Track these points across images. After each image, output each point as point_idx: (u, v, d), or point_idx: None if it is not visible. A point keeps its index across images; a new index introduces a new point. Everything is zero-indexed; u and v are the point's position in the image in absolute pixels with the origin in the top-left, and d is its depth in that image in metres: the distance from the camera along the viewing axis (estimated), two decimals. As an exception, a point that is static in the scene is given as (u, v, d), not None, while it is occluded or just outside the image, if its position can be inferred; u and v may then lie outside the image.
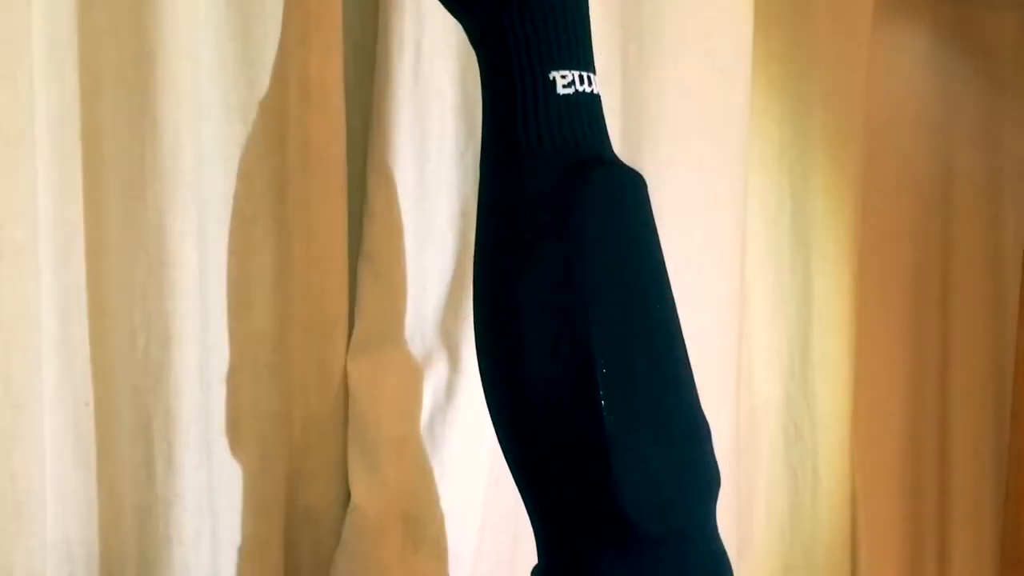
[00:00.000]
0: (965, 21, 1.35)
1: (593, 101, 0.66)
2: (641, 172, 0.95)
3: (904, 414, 1.38)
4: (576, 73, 0.65)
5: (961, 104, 1.37)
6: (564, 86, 0.65)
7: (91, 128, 0.79)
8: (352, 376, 0.90)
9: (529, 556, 0.64)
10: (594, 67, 0.67)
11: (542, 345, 0.62)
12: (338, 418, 0.91)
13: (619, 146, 0.99)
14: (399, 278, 0.91)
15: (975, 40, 1.37)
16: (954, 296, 1.39)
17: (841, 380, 1.19)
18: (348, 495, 0.90)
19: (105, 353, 0.81)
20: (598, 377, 0.60)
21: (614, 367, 0.60)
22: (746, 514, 1.18)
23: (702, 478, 0.63)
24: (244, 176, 0.84)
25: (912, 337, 1.38)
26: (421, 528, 0.91)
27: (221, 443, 0.85)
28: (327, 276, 0.88)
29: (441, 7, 0.71)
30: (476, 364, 0.66)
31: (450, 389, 0.92)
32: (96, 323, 0.80)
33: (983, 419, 1.42)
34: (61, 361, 0.80)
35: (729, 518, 1.07)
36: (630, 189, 0.66)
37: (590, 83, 0.66)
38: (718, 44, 1.02)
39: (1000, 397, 1.42)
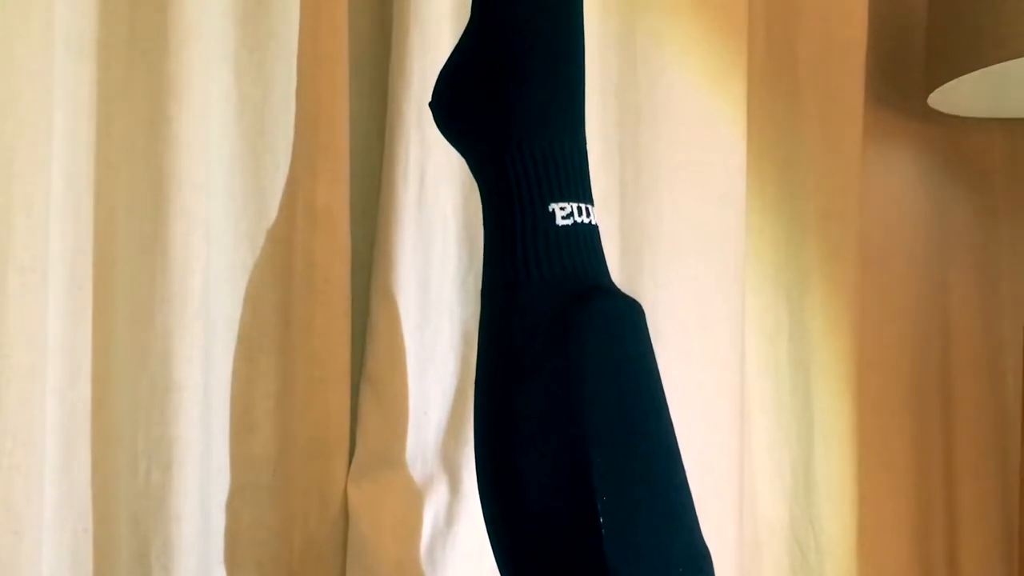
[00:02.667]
0: (955, 141, 1.39)
1: (591, 231, 0.68)
2: (640, 292, 0.98)
3: (910, 534, 1.36)
4: (574, 205, 0.67)
5: (954, 220, 1.39)
6: (563, 217, 0.67)
7: (103, 255, 0.81)
8: (352, 499, 0.89)
9: None
10: (592, 198, 0.69)
11: (542, 476, 0.62)
12: (337, 541, 0.90)
13: (618, 267, 1.01)
14: (401, 401, 0.91)
15: (965, 158, 1.40)
16: (956, 411, 1.39)
17: (846, 500, 1.17)
18: (347, 620, 0.89)
19: (106, 478, 0.81)
20: (598, 507, 0.60)
21: (614, 497, 0.60)
22: (753, 640, 1.15)
23: (703, 607, 0.62)
24: (250, 301, 0.86)
25: (915, 454, 1.37)
26: (421, 655, 0.89)
27: (219, 571, 0.85)
28: (329, 398, 0.89)
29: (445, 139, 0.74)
30: (476, 489, 0.66)
31: (450, 513, 0.91)
32: (98, 448, 0.81)
33: (990, 534, 1.40)
34: (62, 486, 0.80)
35: (735, 645, 1.04)
36: (628, 317, 0.68)
37: (588, 214, 0.68)
38: (713, 168, 1.05)
39: (1007, 510, 1.40)
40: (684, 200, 1.04)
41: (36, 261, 0.76)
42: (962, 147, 1.39)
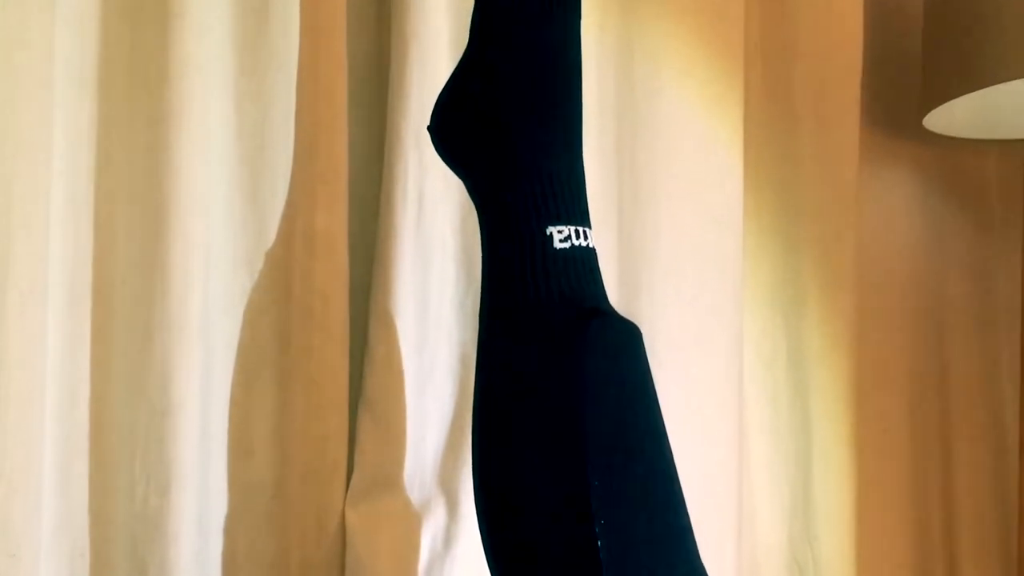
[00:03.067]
0: (950, 163, 1.40)
1: (589, 254, 0.69)
2: (638, 313, 0.98)
3: (909, 553, 1.36)
4: (572, 228, 0.68)
5: (950, 240, 1.40)
6: (561, 240, 0.67)
7: (102, 279, 0.82)
8: (350, 522, 0.89)
9: None
10: (589, 222, 0.70)
11: (540, 499, 0.62)
12: (335, 565, 0.90)
13: (616, 289, 1.01)
14: (399, 424, 0.91)
15: (961, 179, 1.41)
16: (954, 430, 1.39)
17: (844, 521, 1.17)
18: (345, 645, 0.88)
19: (104, 501, 0.81)
20: (596, 530, 0.60)
21: (612, 521, 0.60)
22: (752, 663, 1.15)
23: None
24: (249, 324, 0.86)
25: (913, 474, 1.37)
26: None
27: (216, 594, 0.84)
28: (328, 422, 0.89)
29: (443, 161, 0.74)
30: (475, 512, 0.66)
31: (448, 536, 0.91)
32: (96, 471, 0.81)
33: (989, 553, 1.40)
34: (60, 509, 0.80)
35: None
36: (626, 340, 0.68)
37: (586, 237, 0.68)
38: (710, 191, 1.06)
39: (1005, 532, 1.40)
40: (682, 222, 1.04)
41: (35, 284, 0.77)
42: (958, 168, 1.40)
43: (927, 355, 1.37)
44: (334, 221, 0.88)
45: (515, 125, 0.69)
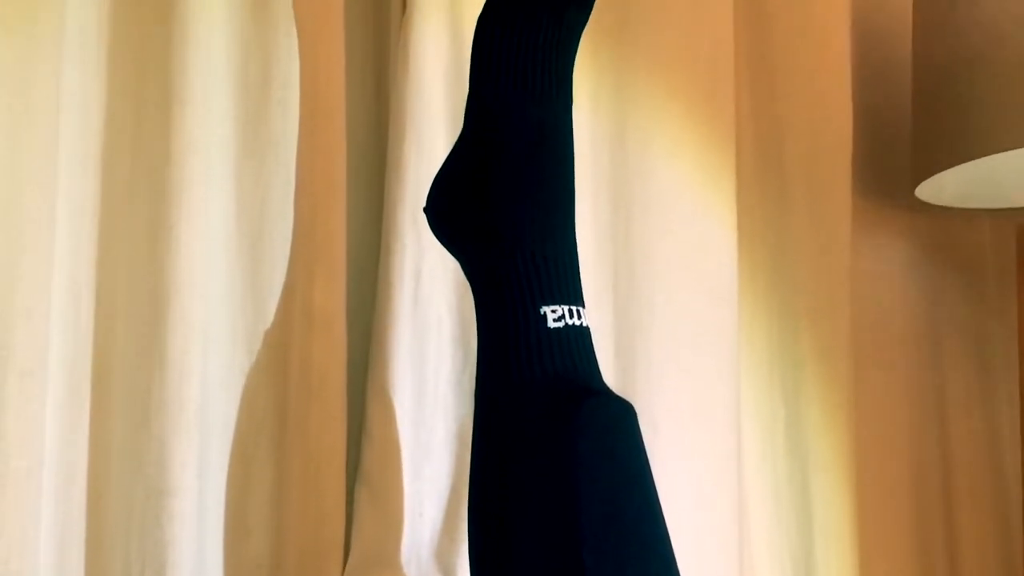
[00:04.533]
0: (943, 232, 1.41)
1: (583, 333, 0.69)
2: (635, 385, 0.98)
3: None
4: (566, 307, 0.69)
5: (945, 309, 1.41)
6: (554, 320, 0.68)
7: (101, 359, 0.82)
8: (347, 601, 0.89)
9: None
10: (583, 300, 0.71)
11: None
12: (332, 645, 0.89)
13: (612, 360, 1.02)
14: (396, 501, 0.91)
15: (954, 249, 1.42)
16: (956, 496, 1.38)
17: (846, 592, 1.16)
18: None
19: (100, 583, 0.80)
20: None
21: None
22: None
23: None
24: (246, 402, 0.87)
25: (917, 542, 1.36)
26: None
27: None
28: (325, 499, 0.89)
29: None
30: (472, 590, 0.66)
31: (446, 615, 0.91)
32: (93, 552, 0.81)
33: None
34: (56, 591, 0.79)
35: None
36: (620, 419, 0.68)
37: (579, 316, 0.69)
38: (705, 263, 1.07)
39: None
40: (677, 294, 1.05)
41: (36, 365, 0.77)
42: (951, 236, 1.41)
43: (925, 421, 1.37)
44: (332, 299, 0.89)
45: (507, 206, 0.70)
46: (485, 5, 0.74)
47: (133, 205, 0.84)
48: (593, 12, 0.75)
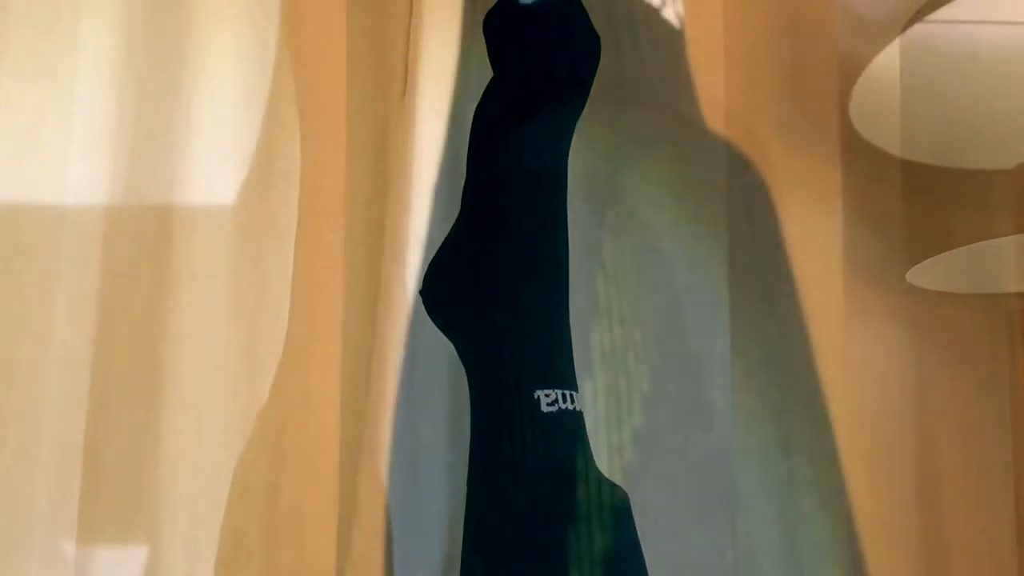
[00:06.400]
0: (936, 316, 1.41)
1: (576, 418, 0.70)
2: (627, 475, 0.97)
3: None
4: (559, 392, 0.69)
5: (937, 393, 1.40)
6: (548, 404, 0.68)
7: (93, 439, 0.82)
8: None
9: None
10: (576, 385, 0.71)
11: None
12: None
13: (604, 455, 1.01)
14: (386, 588, 0.90)
15: (948, 333, 1.42)
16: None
17: None
18: None
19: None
20: None
21: None
22: None
23: None
24: (238, 483, 0.86)
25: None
26: None
27: None
28: (315, 582, 0.87)
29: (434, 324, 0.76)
30: None
31: None
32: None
33: None
34: None
35: None
36: (612, 505, 0.68)
37: (573, 400, 0.69)
38: (699, 347, 1.07)
39: None
40: (665, 365, 1.05)
41: (26, 441, 0.77)
42: (944, 321, 1.42)
43: (921, 510, 1.36)
44: (327, 380, 0.90)
45: (500, 292, 0.71)
46: (485, 89, 0.76)
47: (129, 286, 0.85)
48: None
